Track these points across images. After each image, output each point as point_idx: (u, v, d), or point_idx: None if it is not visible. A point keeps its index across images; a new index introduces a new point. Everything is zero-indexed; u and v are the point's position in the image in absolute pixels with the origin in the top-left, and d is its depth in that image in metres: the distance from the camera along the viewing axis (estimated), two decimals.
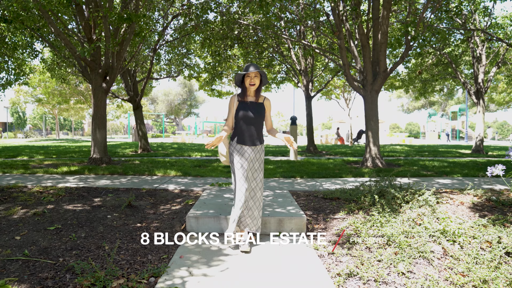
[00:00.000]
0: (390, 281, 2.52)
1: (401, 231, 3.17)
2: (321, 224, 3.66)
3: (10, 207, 3.88)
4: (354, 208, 3.96)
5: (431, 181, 5.94)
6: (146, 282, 2.43)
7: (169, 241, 3.14)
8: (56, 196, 4.41)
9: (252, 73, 3.05)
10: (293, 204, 4.00)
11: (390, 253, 2.88)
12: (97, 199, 4.32)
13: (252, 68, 3.03)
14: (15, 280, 2.40)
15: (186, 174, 6.45)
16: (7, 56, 12.23)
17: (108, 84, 7.53)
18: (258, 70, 3.03)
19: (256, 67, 3.04)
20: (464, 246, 2.95)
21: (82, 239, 3.11)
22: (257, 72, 3.05)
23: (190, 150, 13.51)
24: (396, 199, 3.92)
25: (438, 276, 2.55)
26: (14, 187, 4.91)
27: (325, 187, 5.41)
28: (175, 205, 4.20)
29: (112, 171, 6.53)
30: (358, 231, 3.31)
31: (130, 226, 3.48)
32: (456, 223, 3.32)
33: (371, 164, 7.77)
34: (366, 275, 2.55)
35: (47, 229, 3.28)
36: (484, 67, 12.86)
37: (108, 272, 2.47)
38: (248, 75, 3.05)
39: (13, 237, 3.09)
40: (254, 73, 3.05)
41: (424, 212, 3.57)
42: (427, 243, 2.97)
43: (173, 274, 2.48)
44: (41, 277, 2.46)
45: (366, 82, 7.86)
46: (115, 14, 6.39)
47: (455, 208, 4.09)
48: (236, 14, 9.60)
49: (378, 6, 7.66)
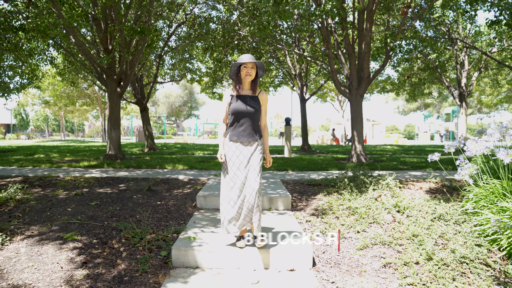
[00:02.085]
0: (348, 237, 3.46)
1: (363, 205, 4.11)
2: (304, 202, 4.60)
3: (54, 190, 4.82)
4: (331, 191, 4.90)
5: (404, 173, 6.87)
6: (170, 236, 3.37)
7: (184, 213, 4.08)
8: (87, 183, 5.35)
9: (249, 63, 2.79)
10: (282, 188, 4.94)
11: (352, 220, 3.82)
12: (122, 185, 5.25)
13: (249, 58, 2.77)
14: (77, 234, 3.34)
15: (192, 167, 7.38)
16: (21, 62, 13.19)
17: (122, 89, 8.47)
18: (255, 60, 2.79)
19: (253, 57, 2.80)
20: (409, 215, 3.89)
21: (117, 210, 4.05)
22: (254, 62, 2.81)
23: (193, 149, 14.45)
24: (365, 184, 4.87)
25: (384, 233, 3.49)
26: (49, 176, 5.84)
27: (312, 177, 6.35)
28: (186, 190, 5.14)
29: (128, 165, 7.46)
30: (331, 206, 4.25)
31: (152, 203, 4.41)
32: (407, 200, 4.26)
33: (356, 160, 8.71)
34: (331, 232, 3.49)
35: (89, 204, 4.22)
36: (466, 72, 13.82)
37: (143, 230, 3.41)
38: (245, 65, 2.80)
39: (66, 209, 4.03)
40: (250, 63, 2.80)
41: (384, 193, 4.51)
42: (381, 213, 3.91)
43: (189, 231, 3.42)
44: (95, 232, 3.40)
45: (352, 87, 8.81)
46: (129, 27, 7.33)
47: (414, 191, 5.03)
48: (236, 26, 10.54)
49: (362, 19, 8.61)
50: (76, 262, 2.83)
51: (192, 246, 2.97)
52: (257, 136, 2.91)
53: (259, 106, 2.89)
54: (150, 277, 2.70)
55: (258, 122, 2.97)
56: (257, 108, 2.88)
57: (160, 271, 2.79)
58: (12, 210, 4.00)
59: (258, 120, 2.96)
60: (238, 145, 2.88)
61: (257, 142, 2.92)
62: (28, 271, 2.68)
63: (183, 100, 54.55)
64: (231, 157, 2.88)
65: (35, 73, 13.97)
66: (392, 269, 2.88)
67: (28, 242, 3.16)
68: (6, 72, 14.07)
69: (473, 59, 14.38)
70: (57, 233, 3.36)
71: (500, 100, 22.45)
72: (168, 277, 2.71)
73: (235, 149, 2.88)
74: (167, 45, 12.67)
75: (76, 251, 3.01)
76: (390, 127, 77.11)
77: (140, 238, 3.27)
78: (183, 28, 13.50)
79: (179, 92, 54.03)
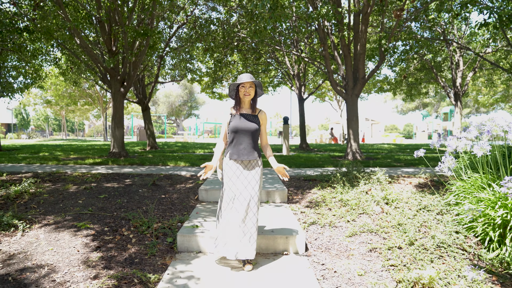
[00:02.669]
0: (339, 226, 3.76)
1: (354, 198, 4.41)
2: (299, 196, 4.90)
3: (64, 184, 5.12)
4: (325, 185, 5.20)
5: (397, 169, 7.17)
6: (175, 224, 3.67)
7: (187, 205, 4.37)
8: (95, 178, 5.64)
9: (247, 83, 2.83)
10: (279, 183, 5.24)
11: (343, 211, 4.12)
12: (128, 180, 5.55)
13: (247, 78, 2.81)
14: (89, 223, 3.64)
15: (194, 164, 7.67)
16: (24, 62, 13.49)
17: (125, 89, 8.76)
18: (253, 80, 2.83)
19: (251, 76, 2.83)
20: (397, 207, 4.18)
21: (125, 203, 4.34)
22: (252, 82, 2.85)
23: (193, 147, 14.75)
24: (357, 178, 5.17)
25: (372, 223, 3.79)
26: (58, 173, 6.13)
27: (308, 173, 6.65)
28: (188, 184, 5.43)
29: (131, 162, 7.75)
30: (324, 198, 4.55)
31: (157, 196, 4.71)
32: (396, 193, 4.56)
33: (351, 157, 9.01)
34: (323, 222, 3.79)
35: (98, 197, 4.52)
36: (461, 72, 14.12)
37: (150, 219, 3.70)
38: (243, 85, 2.85)
39: (77, 201, 4.32)
40: (249, 83, 2.84)
41: (375, 187, 4.81)
42: (370, 205, 4.21)
43: (193, 221, 3.71)
44: (105, 222, 3.70)
45: (348, 87, 9.10)
46: (133, 29, 7.62)
47: (404, 186, 5.33)
48: (236, 28, 10.84)
49: (358, 21, 8.90)
50: (91, 247, 3.13)
51: (195, 233, 3.26)
52: (256, 155, 2.88)
53: (259, 125, 2.89)
54: (158, 259, 2.99)
55: (258, 141, 2.97)
56: (257, 126, 2.87)
57: (167, 255, 3.09)
58: (27, 202, 4.29)
59: (258, 139, 2.95)
60: (239, 165, 2.86)
61: (257, 161, 2.89)
62: (48, 254, 2.97)
63: (183, 99, 54.85)
64: (231, 177, 2.85)
65: (39, 73, 14.28)
66: (377, 253, 3.17)
67: (45, 230, 3.46)
68: (10, 72, 14.39)
69: (468, 59, 14.68)
70: (71, 222, 3.65)
71: (496, 100, 22.78)
72: (174, 259, 3.00)
73: (235, 169, 2.85)
74: (168, 46, 12.96)
75: (89, 238, 3.31)
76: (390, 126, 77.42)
77: (148, 226, 3.56)
78: (184, 29, 13.80)
79: (179, 92, 54.32)
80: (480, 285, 2.64)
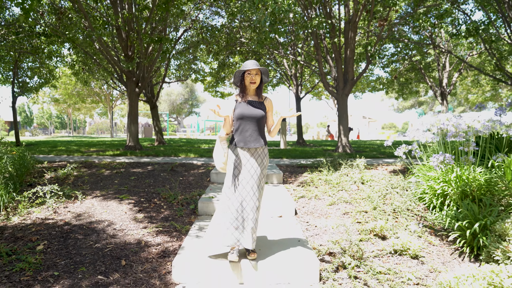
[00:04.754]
0: (322, 198, 4.83)
1: (335, 178, 5.48)
2: (292, 178, 5.96)
3: (98, 170, 6.18)
4: (314, 170, 6.26)
5: (379, 160, 8.23)
6: (195, 197, 4.73)
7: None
8: (121, 165, 6.70)
9: (253, 70, 2.78)
10: (277, 169, 6.30)
11: (326, 188, 5.19)
12: (149, 167, 6.61)
13: (253, 65, 2.77)
14: (128, 196, 4.70)
15: (202, 155, 8.73)
16: (39, 63, 14.53)
17: (140, 89, 9.81)
18: (259, 67, 2.78)
19: (257, 63, 2.79)
20: (370, 186, 5.25)
21: (152, 182, 5.40)
22: (258, 69, 2.80)
23: (198, 143, 15.81)
24: (340, 165, 6.23)
25: (348, 196, 4.85)
26: (87, 161, 7.18)
27: (301, 162, 7.71)
28: (200, 170, 6.50)
29: (147, 154, 8.80)
30: (312, 180, 5.61)
31: (177, 178, 5.77)
32: (370, 175, 5.62)
33: (341, 150, 10.08)
34: (310, 195, 4.86)
35: (130, 178, 5.58)
36: (447, 73, 15.17)
37: (175, 193, 4.76)
38: (249, 72, 2.80)
39: (113, 181, 5.39)
40: (255, 70, 2.79)
41: (354, 171, 5.88)
42: (348, 184, 5.27)
43: (208, 193, 4.77)
44: (140, 195, 4.76)
45: (338, 88, 10.16)
46: (148, 36, 8.65)
47: (380, 171, 6.39)
48: (238, 34, 11.87)
49: (348, 28, 9.95)
50: (134, 210, 4.19)
51: (212, 201, 4.33)
52: (263, 142, 2.84)
53: (265, 111, 2.87)
54: (185, 218, 4.06)
55: (264, 128, 2.93)
56: (263, 113, 2.84)
57: (191, 216, 4.15)
58: (74, 182, 5.35)
59: (264, 126, 2.91)
60: (245, 153, 2.82)
61: (263, 149, 2.87)
62: (105, 214, 4.04)
63: (184, 98, 55.85)
64: (237, 166, 2.82)
65: (53, 74, 15.31)
66: (349, 215, 4.24)
67: (96, 200, 4.52)
68: (26, 72, 15.42)
69: (454, 61, 15.73)
70: (114, 195, 4.72)
71: (484, 99, 23.85)
72: (197, 219, 4.06)
73: (242, 157, 2.82)
74: (174, 48, 13.99)
75: (131, 205, 4.37)
76: (388, 124, 78.36)
77: (174, 197, 4.63)
78: (189, 33, 14.82)
79: (180, 90, 55.28)
80: (418, 234, 3.70)
